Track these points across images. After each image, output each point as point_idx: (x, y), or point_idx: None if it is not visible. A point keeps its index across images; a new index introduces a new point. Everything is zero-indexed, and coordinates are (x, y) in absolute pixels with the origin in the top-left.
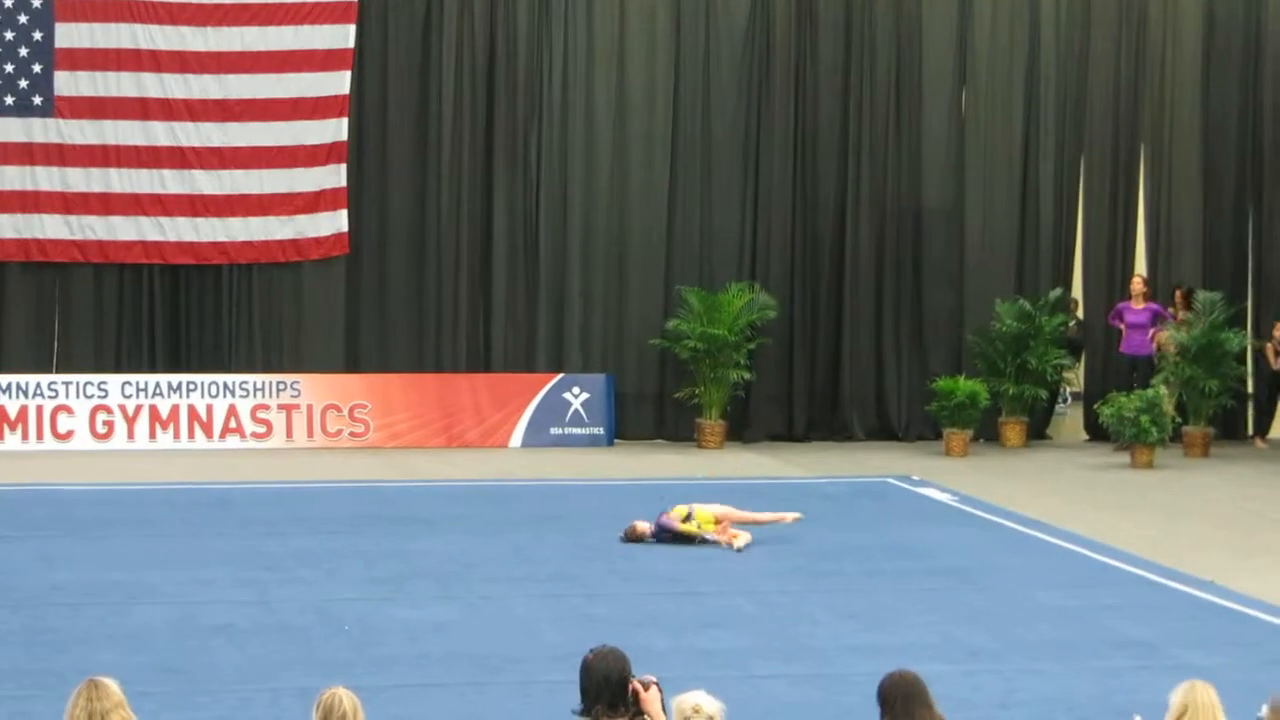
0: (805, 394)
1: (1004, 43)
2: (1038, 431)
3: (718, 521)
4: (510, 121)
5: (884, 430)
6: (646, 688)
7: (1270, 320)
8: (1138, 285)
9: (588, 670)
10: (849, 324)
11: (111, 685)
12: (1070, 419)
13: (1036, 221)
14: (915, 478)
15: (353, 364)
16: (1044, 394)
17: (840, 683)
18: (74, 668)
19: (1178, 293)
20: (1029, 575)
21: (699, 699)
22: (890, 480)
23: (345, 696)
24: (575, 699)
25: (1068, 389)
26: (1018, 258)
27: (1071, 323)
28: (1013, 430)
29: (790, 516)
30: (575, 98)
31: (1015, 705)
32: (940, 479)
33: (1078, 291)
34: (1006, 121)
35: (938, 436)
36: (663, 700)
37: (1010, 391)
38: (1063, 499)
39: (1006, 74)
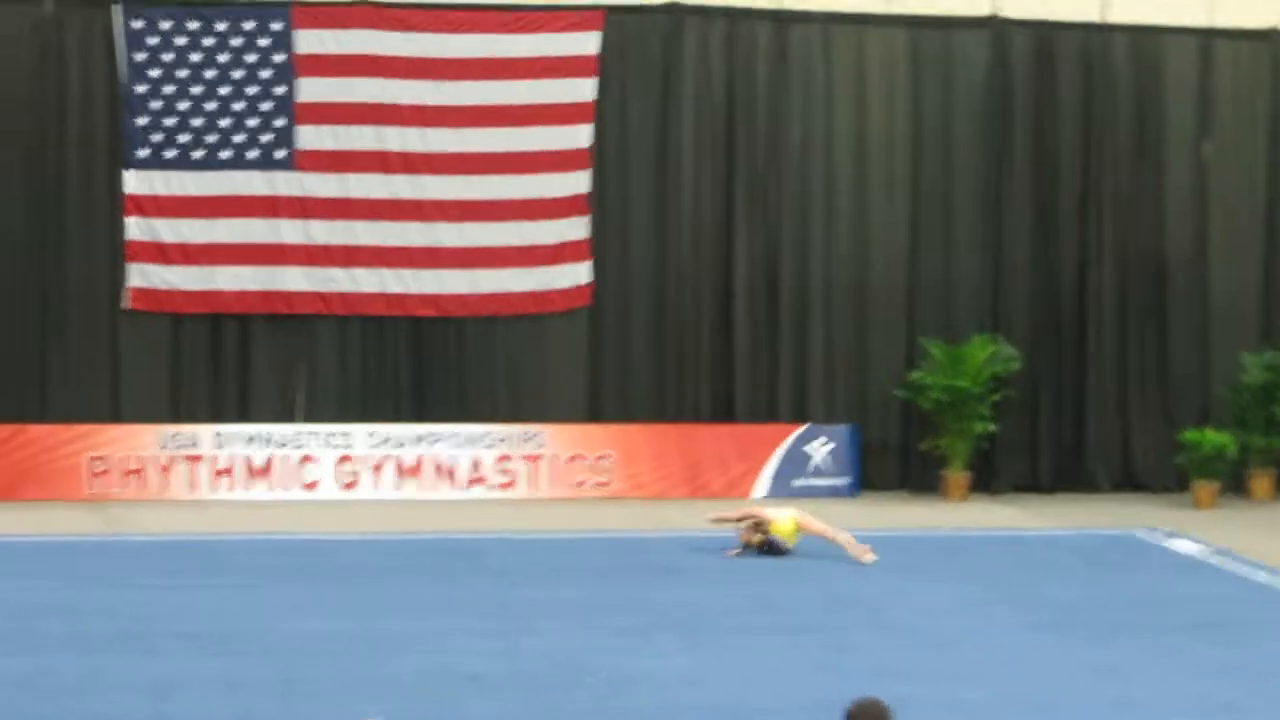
0: (1050, 445)
1: (1246, 90)
2: None
3: (799, 528)
4: (750, 170)
5: (1129, 481)
6: None
7: None
8: None
9: None
10: (1092, 375)
11: None
12: None
13: None
14: (1165, 530)
15: (595, 414)
16: None
17: None
18: (329, 717)
19: None
20: None
21: None
22: (1138, 533)
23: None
24: None
25: None
26: (1263, 307)
27: None
28: (1261, 483)
29: (867, 555)
30: (815, 145)
31: None
32: (1189, 531)
33: None
34: (1250, 170)
35: (1184, 488)
36: None
37: (1259, 444)
38: None
39: (1249, 121)
